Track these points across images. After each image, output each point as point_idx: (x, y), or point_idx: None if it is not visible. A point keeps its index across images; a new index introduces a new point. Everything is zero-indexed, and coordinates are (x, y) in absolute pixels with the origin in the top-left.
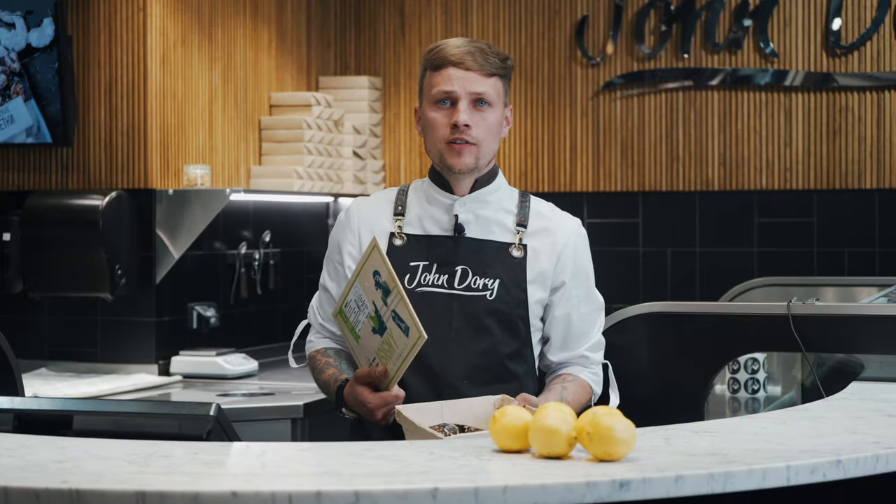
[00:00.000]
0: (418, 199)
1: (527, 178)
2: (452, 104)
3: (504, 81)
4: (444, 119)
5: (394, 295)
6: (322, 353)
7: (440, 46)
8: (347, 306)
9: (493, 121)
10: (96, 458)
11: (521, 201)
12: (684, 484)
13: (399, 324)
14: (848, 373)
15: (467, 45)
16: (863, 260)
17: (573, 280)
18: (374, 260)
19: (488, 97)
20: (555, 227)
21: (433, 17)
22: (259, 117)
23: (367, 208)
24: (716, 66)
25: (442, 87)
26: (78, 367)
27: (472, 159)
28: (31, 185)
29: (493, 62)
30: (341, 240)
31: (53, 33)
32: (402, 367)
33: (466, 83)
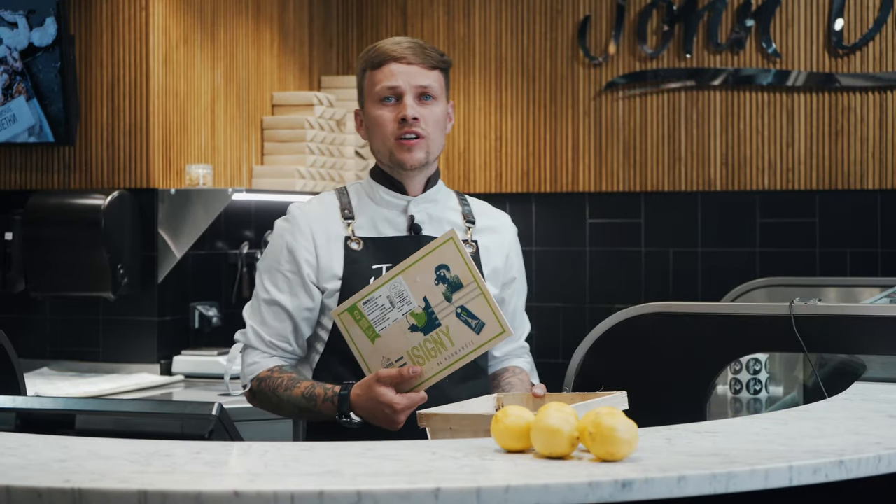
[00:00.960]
0: (365, 202)
1: (529, 179)
2: (398, 100)
3: (445, 75)
4: (391, 115)
5: (467, 290)
6: (278, 371)
7: (378, 45)
8: (368, 303)
9: (439, 114)
10: (98, 458)
11: (460, 199)
12: (687, 484)
13: (467, 320)
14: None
15: (405, 41)
16: (865, 260)
17: (519, 276)
18: (443, 254)
19: (432, 90)
20: (498, 225)
21: (435, 17)
22: (261, 117)
23: (314, 213)
24: (718, 67)
25: (386, 83)
26: (80, 367)
27: (423, 154)
28: (34, 184)
29: (433, 56)
30: (294, 247)
31: (56, 33)
32: (453, 367)
33: (410, 77)
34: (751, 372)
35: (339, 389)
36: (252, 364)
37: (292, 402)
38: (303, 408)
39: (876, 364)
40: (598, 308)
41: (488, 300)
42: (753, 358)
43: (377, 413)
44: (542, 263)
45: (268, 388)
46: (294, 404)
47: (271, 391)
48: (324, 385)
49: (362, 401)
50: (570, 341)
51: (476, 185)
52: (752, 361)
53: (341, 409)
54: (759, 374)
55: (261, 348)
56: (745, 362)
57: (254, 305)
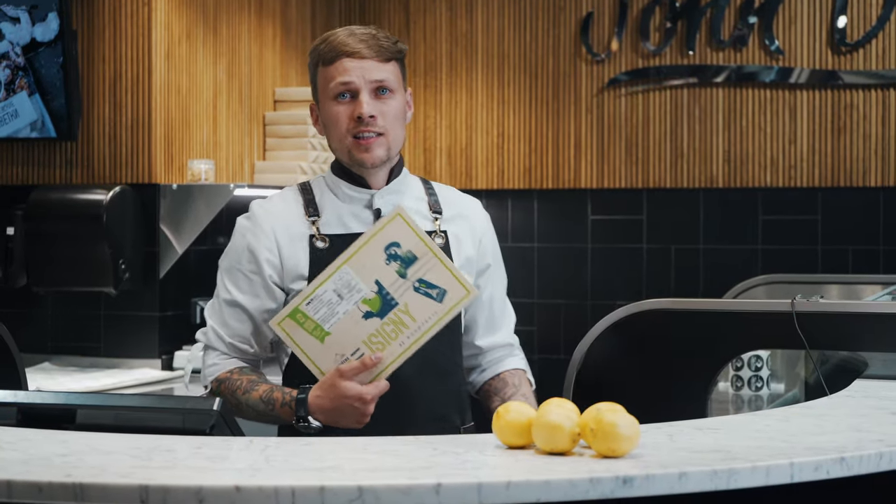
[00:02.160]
0: (328, 198)
1: (531, 175)
2: (353, 96)
3: (400, 65)
4: (346, 112)
5: (423, 261)
6: (238, 372)
7: (329, 39)
8: (312, 303)
9: (397, 107)
10: (99, 452)
11: (426, 188)
12: (688, 480)
13: (427, 291)
14: (852, 370)
15: (358, 31)
16: (867, 258)
17: (494, 262)
18: (390, 232)
19: (389, 83)
20: (467, 212)
21: (437, 14)
22: (263, 112)
23: (276, 211)
24: (721, 64)
25: (339, 80)
26: (81, 362)
27: (383, 151)
28: (35, 179)
29: (388, 46)
30: (255, 247)
31: (58, 28)
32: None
33: (364, 72)
34: (752, 369)
35: (297, 393)
36: (212, 365)
37: (251, 406)
38: (261, 411)
39: (878, 361)
40: (599, 304)
41: (446, 265)
42: (755, 355)
43: (344, 410)
44: (543, 260)
45: (227, 391)
46: (252, 408)
47: (230, 393)
48: (282, 389)
49: (325, 401)
50: (572, 338)
51: (478, 182)
52: (753, 358)
53: (298, 414)
54: (760, 371)
55: (221, 349)
56: (746, 359)
57: (214, 305)
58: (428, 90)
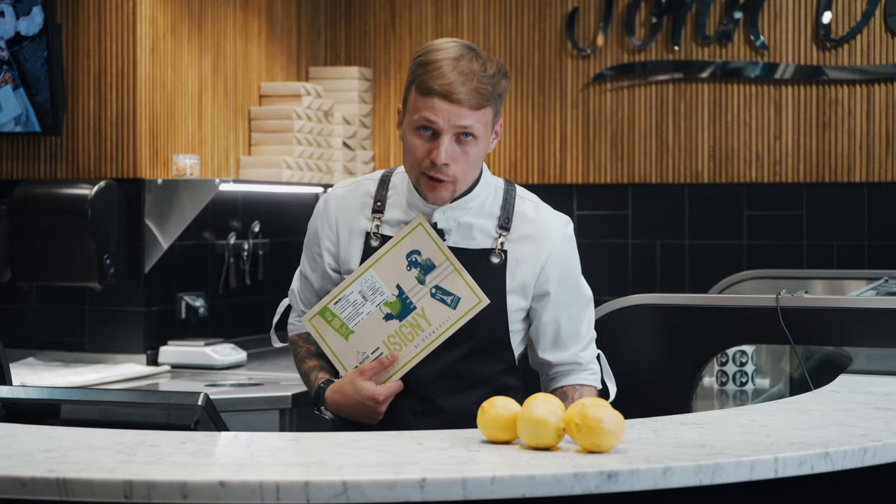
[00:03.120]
0: (399, 197)
1: (517, 170)
2: (434, 135)
3: (495, 107)
4: (424, 148)
5: (440, 270)
6: (304, 340)
7: (433, 63)
8: (339, 303)
9: (476, 154)
10: (84, 448)
11: (505, 200)
12: (672, 476)
13: (442, 298)
14: (836, 365)
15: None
16: (852, 253)
17: (559, 288)
18: (413, 240)
19: (474, 130)
20: (539, 234)
21: (423, 8)
22: (249, 107)
23: (346, 201)
24: (706, 59)
25: (425, 115)
26: (66, 357)
27: (448, 194)
28: (20, 174)
29: (485, 91)
30: (319, 232)
31: (43, 22)
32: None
33: (452, 116)
34: (737, 364)
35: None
36: (291, 324)
37: (300, 373)
38: (303, 383)
39: (862, 356)
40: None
41: (462, 275)
42: (740, 350)
43: (358, 408)
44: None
45: (293, 352)
46: (301, 375)
47: (294, 355)
48: (318, 373)
49: (341, 397)
50: None
51: None
52: (738, 353)
53: (315, 402)
54: (745, 366)
55: (298, 310)
56: (731, 354)
57: (299, 271)
58: None
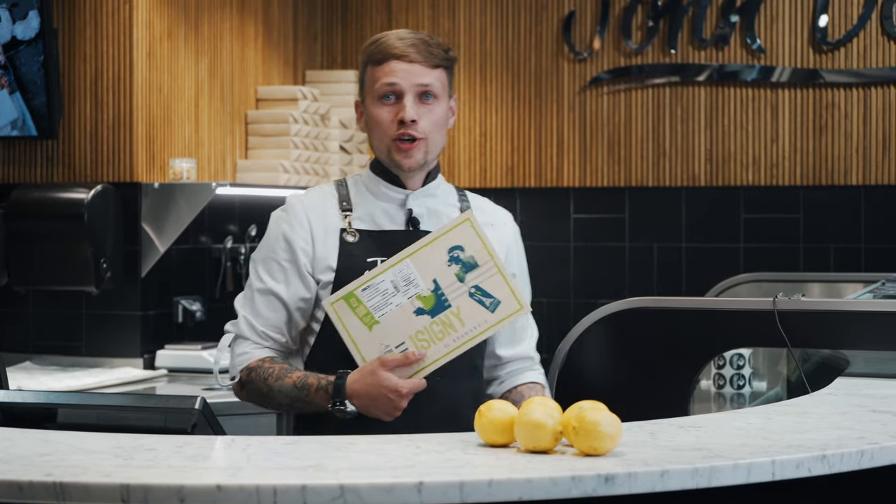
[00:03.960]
0: (363, 195)
1: (513, 174)
2: (397, 98)
3: (448, 72)
4: (390, 114)
5: (483, 269)
6: (269, 361)
7: (381, 39)
8: (368, 290)
9: (440, 113)
10: (80, 452)
11: (460, 196)
12: (669, 478)
13: (481, 299)
14: (833, 368)
15: (409, 36)
16: (848, 256)
17: (520, 273)
18: (458, 235)
19: (434, 89)
20: (497, 221)
21: (420, 12)
22: (245, 111)
23: (312, 203)
24: (703, 62)
25: (385, 81)
26: (63, 361)
27: (421, 155)
28: (16, 178)
29: (437, 53)
30: (290, 236)
31: (39, 26)
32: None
33: (411, 76)
34: (734, 367)
35: (334, 378)
36: (242, 354)
37: (284, 392)
38: (294, 397)
39: (859, 359)
40: (582, 303)
41: (505, 278)
42: (737, 353)
43: (379, 400)
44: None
45: (258, 378)
46: (285, 394)
47: (262, 381)
48: (317, 374)
49: (362, 387)
50: (555, 336)
51: (460, 180)
52: (735, 356)
53: (336, 398)
54: (742, 370)
55: (252, 339)
56: (728, 357)
57: (247, 295)
58: None
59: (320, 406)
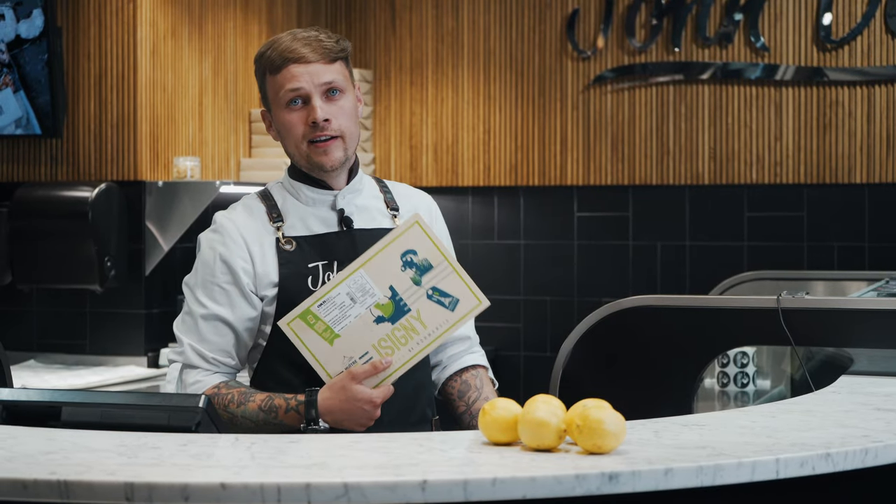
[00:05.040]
0: (290, 202)
1: (517, 172)
2: (304, 102)
3: (346, 63)
4: (300, 118)
5: (438, 270)
6: (225, 387)
7: (274, 45)
8: (324, 305)
9: (350, 106)
10: (85, 450)
11: (381, 187)
12: (674, 477)
13: (440, 300)
14: (837, 366)
15: (302, 36)
16: (852, 254)
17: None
18: (408, 239)
19: (338, 84)
20: (419, 203)
21: (424, 10)
22: (249, 109)
23: (242, 220)
24: (706, 60)
25: (289, 87)
26: (67, 359)
27: (341, 152)
28: (20, 176)
29: (331, 47)
30: (228, 257)
31: (43, 24)
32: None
33: (313, 76)
34: (738, 365)
35: (304, 397)
36: (195, 383)
37: (248, 417)
38: (261, 421)
39: (863, 357)
40: (585, 301)
41: (461, 276)
42: (741, 351)
43: (354, 412)
44: (529, 257)
45: (218, 406)
46: (250, 419)
47: (222, 408)
48: (282, 395)
49: (335, 403)
50: (558, 334)
51: (464, 179)
52: (739, 355)
53: (308, 417)
54: (746, 368)
55: (202, 366)
56: (732, 355)
57: (187, 322)
58: (414, 87)
59: (290, 427)
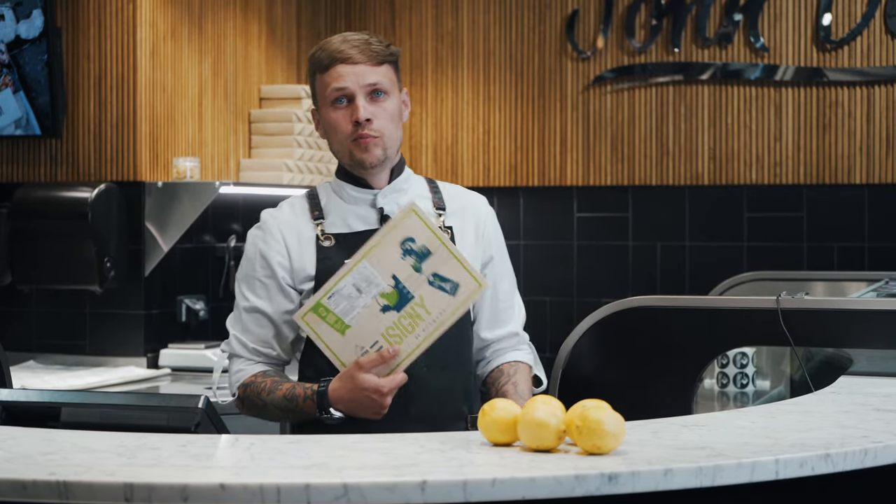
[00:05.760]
0: (334, 201)
1: (516, 172)
2: (349, 101)
3: (394, 67)
4: (344, 117)
5: (436, 256)
6: (262, 375)
7: (324, 46)
8: (333, 297)
9: (393, 109)
10: (84, 450)
11: (431, 187)
12: (673, 477)
13: (441, 285)
14: (837, 367)
15: (352, 38)
16: (852, 255)
17: (497, 254)
18: (406, 227)
19: (383, 86)
20: (469, 204)
21: (423, 11)
22: (249, 110)
23: (284, 217)
24: (706, 61)
25: (335, 86)
26: (66, 360)
27: (381, 151)
28: (20, 177)
29: (380, 50)
30: (266, 252)
31: (43, 25)
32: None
33: (358, 77)
34: (738, 366)
35: (318, 386)
36: (238, 372)
37: (275, 405)
38: (285, 409)
39: (862, 358)
40: (585, 302)
41: (459, 260)
42: (740, 352)
43: (363, 402)
44: (529, 257)
45: (252, 394)
46: (277, 406)
47: (256, 395)
48: (303, 384)
49: (344, 393)
50: (558, 335)
51: (464, 179)
52: (739, 355)
53: (321, 406)
54: (746, 368)
55: (245, 356)
56: (732, 356)
57: (235, 315)
58: (414, 87)
59: (309, 415)
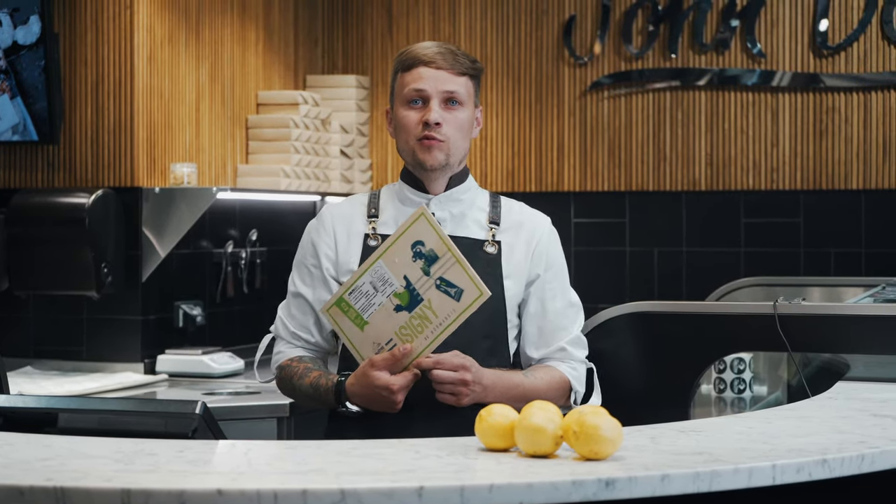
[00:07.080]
0: (391, 201)
1: (514, 178)
2: (424, 103)
3: (474, 82)
4: (416, 117)
5: (443, 261)
6: (297, 360)
7: (411, 48)
8: (353, 293)
9: (464, 119)
10: (81, 456)
11: (492, 201)
12: (670, 483)
13: (447, 290)
14: (834, 372)
15: (438, 46)
16: (849, 260)
17: (547, 273)
18: (416, 230)
19: (459, 96)
20: (527, 223)
21: (420, 17)
22: (246, 116)
23: (341, 211)
24: (703, 67)
25: (413, 86)
26: (63, 366)
27: (443, 156)
28: (17, 182)
29: (463, 62)
30: (317, 242)
31: (40, 31)
32: (440, 338)
33: (438, 82)
34: (735, 371)
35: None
36: (278, 353)
37: (303, 391)
38: (311, 397)
39: (859, 363)
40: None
41: (464, 267)
42: (737, 357)
43: (374, 398)
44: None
45: (286, 376)
46: (304, 393)
47: (288, 379)
48: (328, 375)
49: (358, 388)
50: None
51: None
52: (736, 361)
53: (338, 399)
54: (743, 374)
55: (286, 338)
56: (729, 361)
57: (286, 299)
58: None
59: (331, 406)
